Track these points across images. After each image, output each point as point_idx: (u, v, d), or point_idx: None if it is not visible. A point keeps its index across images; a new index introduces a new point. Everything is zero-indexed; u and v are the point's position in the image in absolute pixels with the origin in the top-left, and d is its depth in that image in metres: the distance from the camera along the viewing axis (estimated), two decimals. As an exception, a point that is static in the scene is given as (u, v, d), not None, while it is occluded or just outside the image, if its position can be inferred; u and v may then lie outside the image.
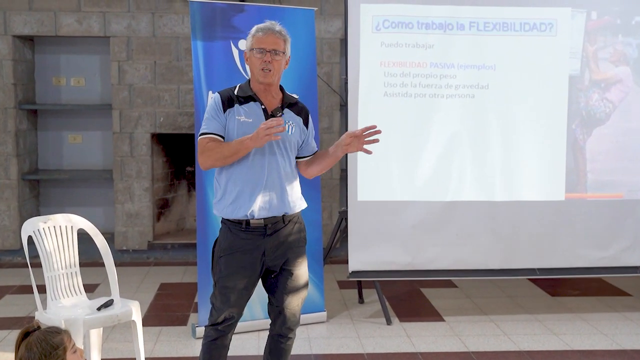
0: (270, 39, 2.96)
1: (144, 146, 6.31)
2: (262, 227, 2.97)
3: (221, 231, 3.06)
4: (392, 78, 4.53)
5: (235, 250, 2.97)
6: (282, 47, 2.98)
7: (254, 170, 2.95)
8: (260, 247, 2.97)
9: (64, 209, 6.24)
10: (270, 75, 2.97)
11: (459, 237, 4.62)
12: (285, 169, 3.01)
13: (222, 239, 3.03)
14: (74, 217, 3.64)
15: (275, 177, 2.98)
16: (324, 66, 6.31)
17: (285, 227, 3.02)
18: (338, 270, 5.79)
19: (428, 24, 4.51)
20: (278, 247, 3.01)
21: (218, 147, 2.93)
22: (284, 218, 3.01)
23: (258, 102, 3.00)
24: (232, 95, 3.01)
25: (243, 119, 2.96)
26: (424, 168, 4.61)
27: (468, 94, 4.58)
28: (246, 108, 2.98)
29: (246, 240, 2.97)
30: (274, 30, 2.98)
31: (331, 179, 6.45)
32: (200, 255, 4.27)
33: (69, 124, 6.58)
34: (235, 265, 2.97)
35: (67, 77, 6.53)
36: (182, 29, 6.23)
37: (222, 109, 2.97)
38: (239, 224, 2.97)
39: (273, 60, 2.95)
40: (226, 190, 3.00)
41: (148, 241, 6.41)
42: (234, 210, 2.96)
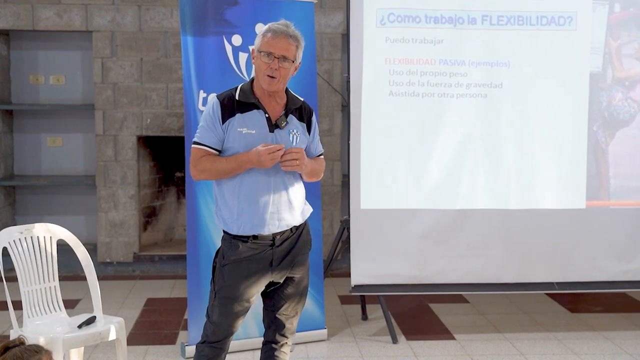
0: (281, 44, 2.93)
1: (130, 150, 6.32)
2: (271, 240, 3.01)
3: (225, 240, 3.07)
4: (398, 76, 4.54)
5: (241, 258, 2.99)
6: (292, 54, 2.95)
7: (258, 186, 2.96)
8: (268, 257, 3.01)
9: (42, 218, 6.24)
10: (275, 83, 2.95)
11: (471, 248, 4.63)
12: (290, 182, 3.04)
13: (226, 248, 3.04)
14: (53, 227, 3.65)
15: (282, 190, 3.00)
16: (324, 63, 6.33)
17: (294, 236, 3.07)
18: (339, 284, 5.79)
19: (437, 17, 4.52)
20: (285, 256, 3.05)
21: (213, 163, 2.94)
22: (292, 229, 3.05)
23: (262, 109, 2.99)
24: (232, 102, 2.98)
25: (245, 130, 2.95)
26: (433, 173, 4.61)
27: (480, 94, 4.59)
28: (248, 117, 2.97)
29: (253, 250, 3.00)
30: (287, 34, 2.94)
31: (332, 185, 6.46)
32: (191, 268, 4.27)
33: (47, 126, 6.59)
34: (240, 274, 2.99)
35: (45, 75, 6.54)
36: (170, 23, 6.24)
37: (221, 119, 2.96)
38: (245, 238, 3.00)
39: (280, 68, 2.93)
40: (228, 204, 3.01)
41: (134, 253, 6.41)
42: (239, 227, 2.99)
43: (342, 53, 6.29)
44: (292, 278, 3.10)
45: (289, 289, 3.10)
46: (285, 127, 3.00)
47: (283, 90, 3.05)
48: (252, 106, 2.99)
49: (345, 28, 5.12)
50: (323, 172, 3.24)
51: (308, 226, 3.18)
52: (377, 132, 4.57)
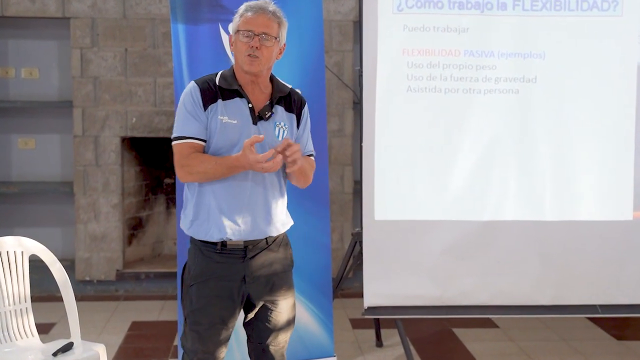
0: (260, 20, 2.97)
1: (113, 153, 6.34)
2: (242, 249, 2.99)
3: (190, 253, 3.07)
4: (417, 69, 4.54)
5: (209, 276, 2.99)
6: (274, 31, 2.99)
7: (234, 184, 2.97)
8: (240, 272, 3.00)
9: (12, 231, 6.25)
10: (257, 63, 2.97)
11: (500, 265, 4.62)
12: (272, 183, 3.04)
13: (192, 263, 3.04)
14: (25, 241, 3.66)
15: (260, 192, 3.01)
16: (333, 55, 6.34)
17: (269, 249, 3.05)
18: (351, 306, 5.78)
19: (462, 2, 4.52)
20: (260, 272, 3.03)
21: (201, 164, 2.93)
22: (267, 239, 3.04)
23: (245, 98, 3.01)
24: (213, 87, 3.01)
25: (226, 119, 2.97)
26: (456, 180, 4.61)
27: (511, 89, 4.58)
28: (230, 105, 2.99)
29: (222, 264, 2.99)
30: (266, 10, 2.99)
31: (342, 193, 6.46)
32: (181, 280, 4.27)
33: (18, 126, 6.62)
34: (209, 294, 2.98)
35: (16, 67, 6.56)
36: (159, 9, 6.27)
37: (202, 104, 2.97)
38: (213, 246, 2.99)
39: (262, 46, 2.96)
40: (198, 203, 3.02)
41: (117, 270, 6.42)
42: (207, 230, 2.98)
43: (354, 43, 6.30)
44: (275, 302, 3.08)
45: (273, 315, 3.09)
46: (270, 119, 3.02)
47: (267, 77, 3.08)
48: (235, 94, 3.01)
49: (358, 15, 5.12)
50: (312, 177, 3.21)
51: (289, 244, 3.17)
52: (394, 132, 4.57)
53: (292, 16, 4.22)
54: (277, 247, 3.08)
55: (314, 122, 4.33)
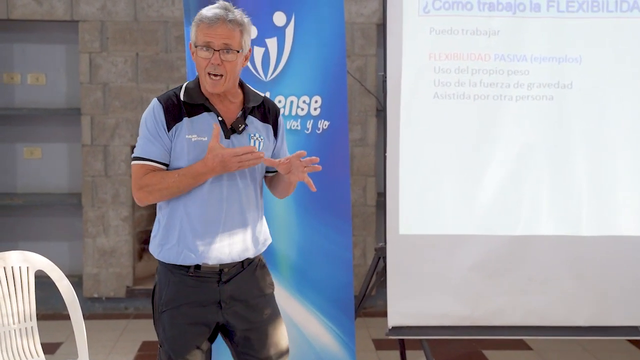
0: (219, 31, 2.86)
1: (123, 163, 6.37)
2: (217, 273, 2.96)
3: (160, 275, 3.03)
4: (444, 75, 4.54)
5: (181, 301, 2.95)
6: (236, 42, 2.89)
7: (209, 203, 2.92)
8: (214, 296, 2.97)
9: (17, 245, 6.30)
10: (220, 82, 2.90)
11: (534, 282, 4.60)
12: (248, 198, 3.00)
13: (162, 285, 3.00)
14: (31, 256, 3.68)
15: (236, 211, 2.96)
16: (355, 59, 6.35)
17: (245, 272, 3.02)
18: (374, 326, 5.77)
19: (492, 3, 4.52)
20: (237, 297, 3.00)
21: (162, 181, 2.88)
22: (243, 262, 3.01)
23: (213, 112, 2.95)
24: (177, 104, 2.94)
25: (195, 138, 2.90)
26: (487, 192, 4.59)
27: (545, 95, 4.57)
28: (198, 121, 2.93)
29: (195, 288, 2.95)
30: (226, 20, 2.87)
31: (364, 205, 6.46)
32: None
33: (24, 134, 6.66)
34: (182, 322, 2.95)
35: (22, 73, 6.62)
36: (172, 12, 6.30)
37: (165, 125, 2.91)
38: (185, 269, 2.95)
39: (224, 62, 2.87)
40: (168, 225, 2.97)
41: (127, 286, 6.44)
42: (178, 254, 2.94)
43: (378, 47, 6.30)
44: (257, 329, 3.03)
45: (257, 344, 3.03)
46: (244, 132, 2.98)
47: (235, 87, 3.01)
48: (201, 108, 2.95)
49: (381, 17, 5.13)
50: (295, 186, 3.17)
51: (263, 261, 3.13)
52: (419, 141, 4.57)
53: (312, 19, 4.25)
54: (252, 269, 3.05)
55: (335, 130, 4.36)
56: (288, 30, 4.32)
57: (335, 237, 4.43)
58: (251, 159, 2.83)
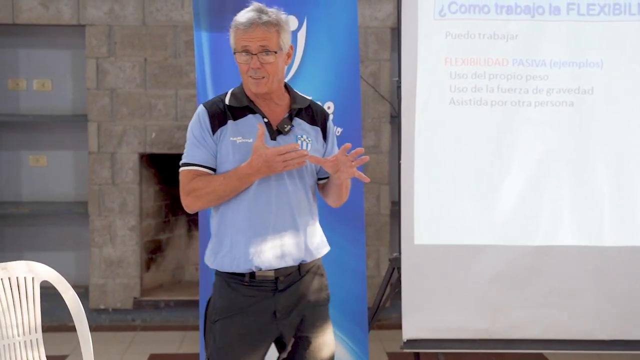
0: (255, 34, 2.91)
1: (130, 171, 6.39)
2: (272, 281, 2.98)
3: (216, 286, 3.06)
4: (460, 80, 4.53)
5: (235, 311, 2.98)
6: (274, 43, 2.93)
7: (257, 206, 2.95)
8: (270, 306, 2.99)
9: (22, 255, 6.32)
10: (263, 83, 2.95)
11: (554, 294, 4.58)
12: (299, 202, 3.02)
13: (217, 296, 3.04)
14: (36, 266, 3.68)
15: (287, 213, 2.99)
16: (369, 64, 6.35)
17: (303, 280, 3.04)
18: (388, 338, 5.76)
19: (510, 6, 4.52)
20: (293, 307, 3.02)
21: (208, 184, 2.93)
22: (300, 268, 3.03)
23: (258, 113, 3.00)
24: (222, 108, 3.00)
25: (240, 140, 2.95)
26: (505, 201, 4.59)
27: (565, 101, 4.56)
28: (243, 124, 2.98)
29: (250, 298, 2.98)
30: (260, 22, 2.92)
31: (378, 214, 6.45)
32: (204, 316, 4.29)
33: (29, 141, 6.69)
34: (235, 332, 2.98)
35: (27, 78, 6.64)
36: (181, 16, 6.32)
37: (210, 129, 2.97)
38: (240, 277, 2.98)
39: (264, 64, 2.93)
40: (219, 233, 3.01)
41: (134, 298, 6.45)
42: (232, 261, 2.98)
43: (392, 52, 6.30)
44: (309, 339, 3.06)
45: (307, 354, 3.06)
46: (291, 132, 3.01)
47: (281, 88, 3.06)
48: (247, 110, 3.00)
49: (396, 21, 5.13)
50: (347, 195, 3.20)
51: (325, 275, 3.15)
52: (435, 148, 4.57)
53: (325, 22, 4.26)
54: (311, 277, 3.07)
55: (348, 137, 4.36)
56: (300, 34, 4.33)
57: (348, 247, 4.43)
58: (295, 157, 2.86)
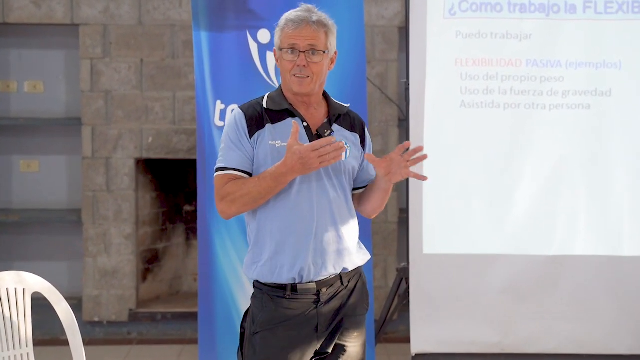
0: (305, 33, 2.97)
1: (126, 177, 6.38)
2: (315, 294, 3.00)
3: (255, 299, 3.07)
4: (472, 82, 4.53)
5: (277, 323, 2.99)
6: (322, 43, 3.00)
7: (299, 212, 2.97)
8: (312, 320, 3.01)
9: (12, 265, 6.31)
10: (307, 83, 2.99)
11: (570, 307, 4.57)
12: (340, 208, 3.04)
13: (257, 309, 3.04)
14: (27, 277, 3.67)
15: (328, 219, 3.00)
16: (376, 65, 6.34)
17: (345, 290, 3.06)
18: (396, 352, 5.74)
19: (524, 4, 4.51)
20: (334, 318, 3.05)
21: (242, 187, 2.93)
22: (341, 277, 3.04)
23: (298, 117, 3.03)
24: (260, 111, 3.03)
25: (279, 143, 2.97)
26: (518, 208, 4.59)
27: (581, 104, 4.55)
28: (281, 128, 3.01)
29: (293, 311, 2.99)
30: (310, 21, 2.99)
31: (386, 222, 6.43)
32: (203, 329, 4.28)
33: (20, 146, 6.68)
34: (277, 344, 2.99)
35: (18, 80, 6.63)
36: (179, 15, 6.31)
37: (247, 132, 2.99)
38: (282, 290, 2.99)
39: (310, 63, 2.97)
40: (259, 241, 3.02)
41: (130, 310, 6.44)
42: (272, 270, 2.98)
43: (400, 52, 6.29)
44: (344, 347, 3.08)
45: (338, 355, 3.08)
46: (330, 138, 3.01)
47: (320, 94, 3.10)
48: (285, 114, 3.03)
49: (404, 20, 5.12)
50: None
51: (364, 278, 3.18)
52: (445, 153, 4.56)
53: (331, 18, 4.23)
54: (353, 287, 3.09)
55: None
56: (303, 34, 4.31)
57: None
58: (330, 151, 2.84)
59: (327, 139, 2.86)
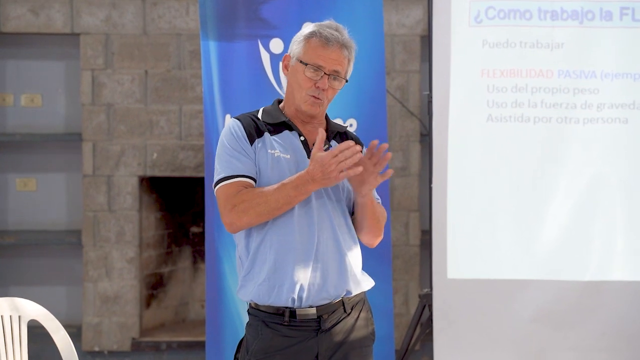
0: (334, 55, 3.01)
1: (129, 195, 6.39)
2: (315, 320, 2.99)
3: (250, 326, 3.06)
4: (499, 94, 4.52)
5: (273, 352, 2.97)
6: (343, 70, 3.05)
7: (299, 228, 2.97)
8: (313, 348, 2.99)
9: (7, 290, 6.32)
10: (318, 105, 3.04)
11: (607, 337, 4.54)
12: (341, 227, 3.05)
13: (252, 337, 3.03)
14: (23, 303, 3.67)
15: (330, 236, 3.01)
16: (396, 77, 6.34)
17: (348, 318, 3.05)
18: (418, 386, 5.73)
19: (555, 11, 4.50)
20: (337, 348, 3.03)
21: (259, 195, 2.93)
22: (344, 303, 3.03)
23: (295, 131, 3.06)
24: (256, 122, 3.05)
25: (278, 153, 3.00)
26: (550, 230, 4.56)
27: (618, 118, 4.54)
28: (280, 138, 3.04)
29: (291, 338, 2.98)
30: (340, 43, 3.03)
31: (407, 245, 6.42)
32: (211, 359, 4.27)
33: (17, 163, 6.71)
34: None
35: (15, 93, 6.66)
36: (186, 23, 6.34)
37: (247, 139, 3.00)
38: (280, 316, 2.98)
39: (330, 88, 3.02)
40: (257, 259, 3.01)
41: (132, 338, 6.44)
42: (269, 291, 2.97)
43: (422, 62, 6.29)
44: None
45: None
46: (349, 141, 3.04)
47: (323, 115, 3.15)
48: (283, 127, 3.06)
49: (426, 28, 5.13)
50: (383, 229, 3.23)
51: (368, 306, 3.16)
52: (471, 171, 4.55)
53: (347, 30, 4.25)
54: (356, 314, 3.08)
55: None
56: (319, 43, 4.32)
57: (373, 282, 4.40)
58: (349, 155, 2.86)
59: (346, 143, 2.88)
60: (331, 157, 2.84)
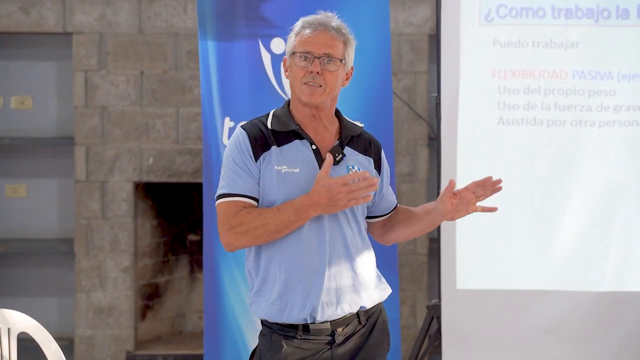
0: (321, 39, 3.00)
1: (124, 202, 6.39)
2: (329, 334, 3.00)
3: (264, 337, 3.08)
4: (511, 96, 4.53)
5: None
6: (339, 52, 3.02)
7: (310, 246, 2.97)
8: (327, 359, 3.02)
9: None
10: (318, 92, 3.00)
11: (624, 350, 4.55)
12: (354, 241, 3.05)
13: (265, 348, 3.05)
14: (12, 315, 3.67)
15: (342, 252, 3.01)
16: (403, 78, 6.34)
17: (363, 329, 3.06)
18: (426, 402, 5.72)
19: (570, 9, 4.51)
20: (351, 358, 3.05)
21: (258, 217, 2.93)
22: (359, 316, 3.04)
23: (306, 139, 3.04)
24: (264, 132, 3.03)
25: (285, 169, 2.98)
26: (564, 238, 4.58)
27: (635, 120, 4.54)
28: (288, 151, 3.02)
29: (304, 351, 3.00)
30: (329, 27, 3.03)
31: (414, 254, 6.41)
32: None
33: (6, 168, 6.71)
34: None
35: (4, 95, 6.66)
36: (183, 22, 6.34)
37: (252, 155, 3.00)
38: (293, 330, 3.00)
39: (324, 71, 2.99)
40: (267, 277, 3.02)
41: (127, 352, 6.44)
42: (281, 311, 2.98)
43: (430, 63, 6.29)
44: None
45: None
46: (342, 162, 3.04)
47: (332, 110, 3.12)
48: (292, 135, 3.04)
49: (435, 27, 5.13)
50: None
51: (385, 315, 3.17)
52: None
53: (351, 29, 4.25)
54: (372, 325, 3.09)
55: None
56: (323, 42, 4.33)
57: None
58: (363, 187, 2.86)
59: (361, 173, 2.88)
60: (341, 185, 2.84)
